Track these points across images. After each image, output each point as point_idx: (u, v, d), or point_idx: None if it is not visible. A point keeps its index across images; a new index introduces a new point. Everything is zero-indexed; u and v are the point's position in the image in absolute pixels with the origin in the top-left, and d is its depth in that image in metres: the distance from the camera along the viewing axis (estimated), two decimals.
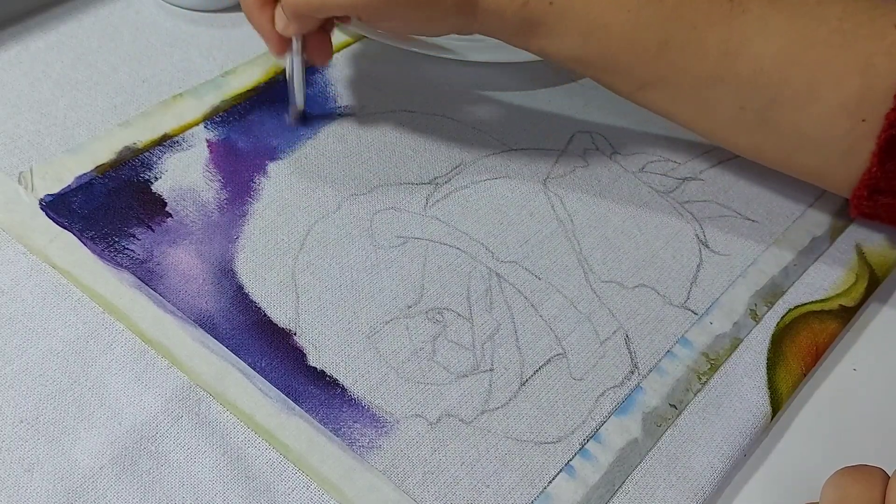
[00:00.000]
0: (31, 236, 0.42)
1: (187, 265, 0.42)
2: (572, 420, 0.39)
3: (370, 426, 0.38)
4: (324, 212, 0.45)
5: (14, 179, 0.44)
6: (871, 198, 0.43)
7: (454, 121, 0.51)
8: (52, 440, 0.36)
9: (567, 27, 0.43)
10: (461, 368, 0.40)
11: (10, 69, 0.50)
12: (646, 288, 0.45)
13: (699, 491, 0.38)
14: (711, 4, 0.42)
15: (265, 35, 0.46)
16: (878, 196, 0.43)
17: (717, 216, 0.49)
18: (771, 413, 0.41)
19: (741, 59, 0.42)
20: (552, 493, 0.37)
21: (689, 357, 0.42)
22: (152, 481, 0.35)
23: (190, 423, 0.37)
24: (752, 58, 0.42)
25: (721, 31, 0.42)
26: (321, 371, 0.39)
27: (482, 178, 0.49)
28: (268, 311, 0.41)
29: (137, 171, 0.46)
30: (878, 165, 0.42)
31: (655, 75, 0.44)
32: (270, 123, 0.49)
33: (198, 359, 0.39)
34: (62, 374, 0.38)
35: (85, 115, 0.48)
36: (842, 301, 0.46)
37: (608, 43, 0.43)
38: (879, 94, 0.41)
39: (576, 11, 0.42)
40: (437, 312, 0.42)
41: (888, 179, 0.42)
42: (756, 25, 0.42)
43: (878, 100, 0.41)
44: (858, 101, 0.41)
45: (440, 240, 0.45)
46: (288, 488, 0.36)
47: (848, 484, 0.34)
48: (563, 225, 0.47)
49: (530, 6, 0.42)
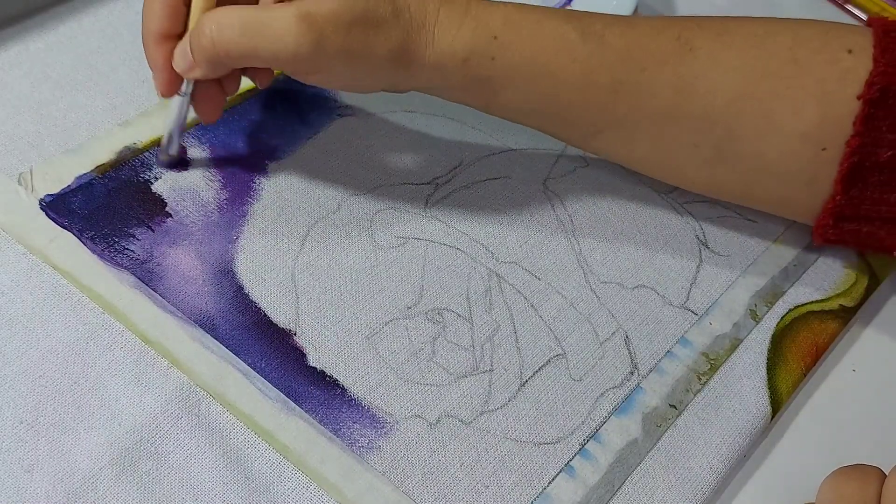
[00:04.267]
0: (31, 237, 0.42)
1: (187, 265, 0.42)
2: (572, 420, 0.39)
3: (370, 427, 0.38)
4: (324, 212, 0.45)
5: (14, 180, 0.44)
6: (836, 226, 0.43)
7: (454, 121, 0.51)
8: (51, 441, 0.36)
9: (512, 81, 0.41)
10: (461, 369, 0.40)
11: (10, 69, 0.50)
12: (645, 288, 0.45)
13: (699, 491, 0.38)
14: (659, 45, 0.42)
15: (158, 71, 0.42)
16: (843, 223, 0.43)
17: (717, 216, 0.49)
18: (771, 413, 0.41)
19: (693, 97, 0.42)
20: (552, 494, 0.37)
21: (689, 357, 0.42)
22: (152, 482, 0.35)
23: (190, 423, 0.37)
24: (704, 95, 0.42)
25: (671, 70, 0.42)
26: (321, 371, 0.39)
27: (482, 178, 0.49)
28: (268, 311, 0.41)
29: (137, 171, 0.46)
30: (842, 193, 0.42)
31: (608, 120, 0.43)
32: (270, 123, 0.49)
33: (197, 359, 0.39)
34: (62, 375, 0.38)
35: (85, 115, 0.48)
36: (842, 301, 0.46)
37: (558, 93, 0.42)
38: (838, 120, 0.41)
39: (521, 65, 0.41)
40: (437, 313, 0.42)
41: (853, 206, 0.42)
42: (706, 63, 0.41)
43: (837, 126, 0.41)
44: (818, 129, 0.41)
45: (440, 240, 0.45)
46: (288, 489, 0.36)
47: (843, 483, 0.34)
48: (562, 225, 0.47)
49: (472, 63, 0.41)
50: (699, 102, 0.42)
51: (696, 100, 0.42)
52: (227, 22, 0.39)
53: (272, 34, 0.38)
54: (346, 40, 0.38)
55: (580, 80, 0.41)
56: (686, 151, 0.43)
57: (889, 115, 0.40)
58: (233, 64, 0.41)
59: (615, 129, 0.43)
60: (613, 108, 0.42)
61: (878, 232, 0.42)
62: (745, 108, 0.41)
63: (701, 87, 0.42)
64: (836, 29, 0.42)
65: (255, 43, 0.38)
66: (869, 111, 0.40)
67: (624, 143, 0.44)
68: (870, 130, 0.40)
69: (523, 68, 0.41)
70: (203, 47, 0.39)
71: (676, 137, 0.43)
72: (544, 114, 0.43)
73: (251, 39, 0.38)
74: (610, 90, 0.42)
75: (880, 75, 0.40)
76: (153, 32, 0.41)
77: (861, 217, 0.42)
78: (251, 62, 0.40)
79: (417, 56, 0.40)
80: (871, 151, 0.40)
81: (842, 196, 0.42)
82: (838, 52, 0.41)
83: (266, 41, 0.38)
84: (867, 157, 0.41)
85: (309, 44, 0.38)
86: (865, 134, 0.40)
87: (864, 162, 0.41)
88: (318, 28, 0.38)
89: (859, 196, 0.42)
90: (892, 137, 0.40)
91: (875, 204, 0.42)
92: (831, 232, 0.43)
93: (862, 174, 0.41)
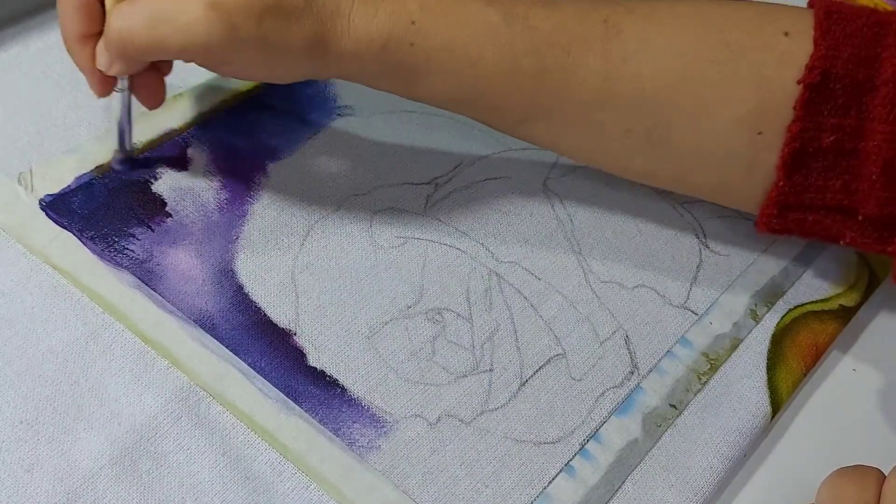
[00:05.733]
0: (31, 236, 0.42)
1: (187, 265, 0.42)
2: (572, 420, 0.39)
3: (370, 426, 0.38)
4: (324, 212, 0.45)
5: (14, 180, 0.44)
6: (781, 215, 0.42)
7: (454, 121, 0.51)
8: (51, 441, 0.36)
9: (433, 68, 0.40)
10: (461, 369, 0.40)
11: (10, 69, 0.50)
12: (646, 288, 0.45)
13: (699, 491, 0.38)
14: (584, 28, 0.40)
15: (86, 73, 0.41)
16: (788, 212, 0.41)
17: (717, 216, 0.49)
18: (771, 413, 0.41)
19: (621, 81, 0.40)
20: (552, 494, 0.37)
21: (689, 357, 0.42)
22: (152, 482, 0.35)
23: (189, 423, 0.37)
24: (632, 79, 0.40)
25: (597, 54, 0.40)
26: (321, 371, 0.39)
27: (482, 178, 0.49)
28: (268, 311, 0.41)
29: (137, 171, 0.46)
30: (784, 179, 0.40)
31: (535, 106, 0.41)
32: (270, 123, 0.49)
33: (197, 359, 0.39)
34: (62, 375, 0.38)
35: (85, 115, 0.48)
36: (842, 301, 0.46)
37: (481, 79, 0.41)
38: (776, 105, 0.39)
39: (441, 50, 0.40)
40: (437, 313, 0.42)
41: (797, 194, 0.41)
42: (633, 46, 0.40)
43: (775, 111, 0.40)
44: (755, 114, 0.40)
45: (440, 240, 0.45)
46: (288, 488, 0.36)
47: (843, 484, 0.34)
48: (562, 225, 0.47)
49: (391, 48, 0.39)
50: (627, 88, 0.40)
51: (624, 85, 0.40)
52: (133, 14, 0.38)
53: (181, 24, 0.37)
54: (258, 30, 0.37)
55: (503, 66, 0.40)
56: (617, 139, 0.42)
57: (830, 98, 0.39)
58: (145, 58, 0.40)
59: (542, 116, 0.42)
60: (539, 95, 0.41)
61: (824, 220, 0.41)
62: (675, 93, 0.40)
63: (628, 72, 0.40)
64: (772, 11, 0.41)
65: (164, 34, 0.37)
66: (810, 95, 0.39)
67: (552, 131, 0.43)
68: (811, 115, 0.39)
69: (443, 54, 0.40)
70: (112, 42, 0.39)
71: (606, 124, 0.42)
72: (468, 101, 0.42)
73: (159, 31, 0.37)
74: (535, 76, 0.40)
75: (821, 59, 0.39)
76: (73, 35, 0.41)
77: (805, 206, 0.41)
78: (162, 54, 0.39)
79: (333, 45, 0.39)
80: (814, 136, 0.39)
81: (784, 182, 0.40)
82: (774, 35, 0.40)
83: (175, 32, 0.37)
84: (809, 142, 0.39)
85: (219, 33, 0.37)
86: (806, 119, 0.39)
87: (806, 147, 0.39)
88: (229, 17, 0.37)
89: (803, 183, 0.40)
90: (834, 122, 0.39)
91: (819, 192, 0.40)
92: (776, 221, 0.42)
93: (805, 160, 0.40)
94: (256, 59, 0.39)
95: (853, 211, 0.40)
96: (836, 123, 0.39)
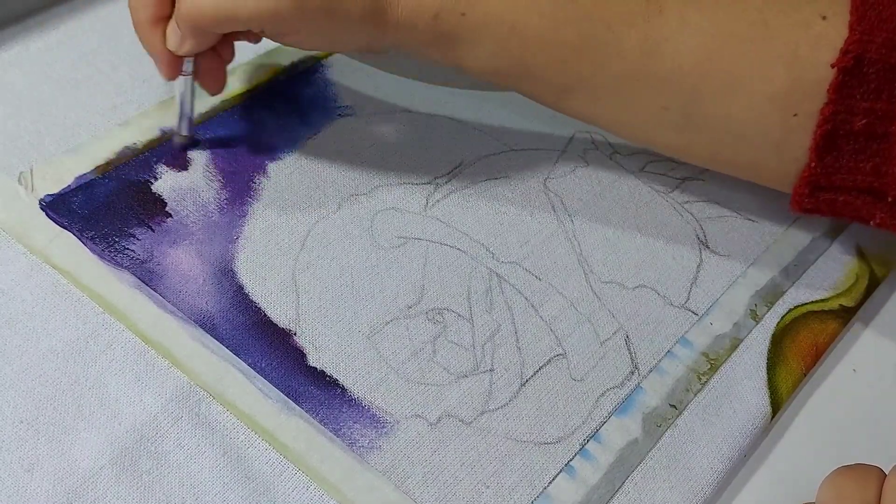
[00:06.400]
0: (31, 236, 0.42)
1: (187, 265, 0.42)
2: (572, 420, 0.39)
3: (370, 426, 0.38)
4: (324, 212, 0.45)
5: (14, 179, 0.44)
6: (812, 195, 0.42)
7: (454, 121, 0.51)
8: (52, 440, 0.36)
9: (481, 37, 0.42)
10: (461, 369, 0.40)
11: (10, 69, 0.50)
12: (646, 288, 0.45)
13: (699, 491, 0.38)
14: (627, 4, 0.42)
15: (157, 55, 0.43)
16: (819, 193, 0.42)
17: (717, 216, 0.49)
18: (771, 413, 0.41)
19: (660, 57, 0.41)
20: (552, 494, 0.37)
21: (690, 357, 0.42)
22: (152, 481, 0.35)
23: (190, 423, 0.37)
24: (671, 56, 0.41)
25: (638, 30, 0.41)
26: (321, 371, 0.39)
27: (482, 178, 0.49)
28: (268, 311, 0.41)
29: (137, 171, 0.46)
30: (816, 160, 0.41)
31: (574, 78, 0.43)
32: (270, 123, 0.49)
33: (198, 359, 0.39)
34: (62, 375, 0.38)
35: (85, 115, 0.48)
36: (842, 301, 0.46)
37: (524, 49, 0.42)
38: (809, 86, 0.40)
39: (489, 20, 0.41)
40: (438, 313, 0.42)
41: (828, 175, 0.41)
42: (673, 24, 0.41)
43: (808, 92, 0.40)
44: (787, 93, 0.41)
45: (440, 240, 0.45)
46: (288, 489, 0.36)
47: (843, 483, 0.34)
48: (563, 225, 0.47)
49: (442, 18, 0.41)
50: (666, 64, 0.41)
51: (663, 62, 0.41)
52: None
53: None
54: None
55: (546, 36, 0.41)
56: (654, 114, 0.43)
57: (863, 83, 0.40)
58: (216, 29, 0.42)
59: (581, 88, 0.43)
60: (580, 66, 0.42)
61: (855, 202, 0.42)
62: (711, 70, 0.41)
63: (668, 49, 0.41)
64: None
65: (236, 4, 0.40)
66: (843, 79, 0.40)
67: (590, 103, 0.44)
68: (843, 98, 0.40)
69: (492, 24, 0.41)
70: (185, 17, 0.41)
71: (644, 99, 0.43)
72: (512, 72, 0.44)
73: (231, 1, 0.40)
74: (576, 47, 0.42)
75: (855, 43, 0.39)
76: (145, 18, 0.43)
77: (836, 187, 0.42)
78: (233, 24, 0.41)
79: (390, 13, 0.41)
80: (845, 119, 0.40)
81: (816, 163, 0.41)
82: (811, 16, 0.41)
83: (246, 1, 0.40)
84: (841, 125, 0.40)
85: (288, 1, 0.39)
86: (839, 102, 0.40)
87: (837, 130, 0.40)
88: None
89: (834, 164, 0.41)
90: (865, 106, 0.40)
91: (850, 173, 0.41)
92: (808, 201, 0.43)
93: (836, 142, 0.41)
94: (321, 28, 0.41)
95: (883, 193, 0.41)
96: (868, 107, 0.40)
